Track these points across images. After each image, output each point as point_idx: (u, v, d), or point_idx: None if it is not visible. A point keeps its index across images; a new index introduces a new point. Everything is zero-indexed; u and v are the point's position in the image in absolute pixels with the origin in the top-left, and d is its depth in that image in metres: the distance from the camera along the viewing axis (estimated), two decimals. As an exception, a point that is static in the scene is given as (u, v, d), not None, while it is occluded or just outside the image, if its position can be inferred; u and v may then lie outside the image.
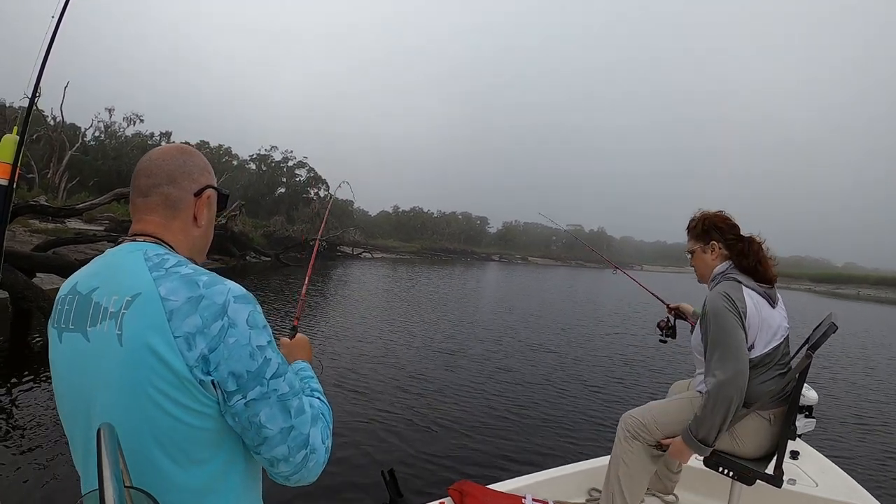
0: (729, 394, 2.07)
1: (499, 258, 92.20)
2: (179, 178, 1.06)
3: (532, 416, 6.12)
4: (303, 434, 0.95)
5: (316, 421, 0.99)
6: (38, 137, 34.78)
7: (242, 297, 0.92)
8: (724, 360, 2.10)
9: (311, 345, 1.42)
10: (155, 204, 1.04)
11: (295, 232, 37.94)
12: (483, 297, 21.58)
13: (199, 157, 1.12)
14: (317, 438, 0.98)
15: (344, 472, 4.23)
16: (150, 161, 1.06)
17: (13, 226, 14.70)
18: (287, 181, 60.34)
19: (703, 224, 2.41)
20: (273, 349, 0.94)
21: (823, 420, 6.60)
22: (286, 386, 0.94)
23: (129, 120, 46.00)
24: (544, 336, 12.14)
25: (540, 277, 43.34)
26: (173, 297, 0.87)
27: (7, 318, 8.69)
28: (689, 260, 2.51)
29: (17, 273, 8.25)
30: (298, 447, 0.94)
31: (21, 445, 4.31)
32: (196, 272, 0.93)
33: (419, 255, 70.33)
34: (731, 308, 2.14)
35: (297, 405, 0.96)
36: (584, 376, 8.37)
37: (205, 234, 1.13)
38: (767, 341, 2.19)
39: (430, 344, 10.04)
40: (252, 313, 0.92)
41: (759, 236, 2.36)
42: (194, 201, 1.08)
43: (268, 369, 0.91)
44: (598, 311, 19.50)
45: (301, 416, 0.95)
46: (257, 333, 0.91)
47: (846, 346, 14.55)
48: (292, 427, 0.93)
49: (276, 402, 0.91)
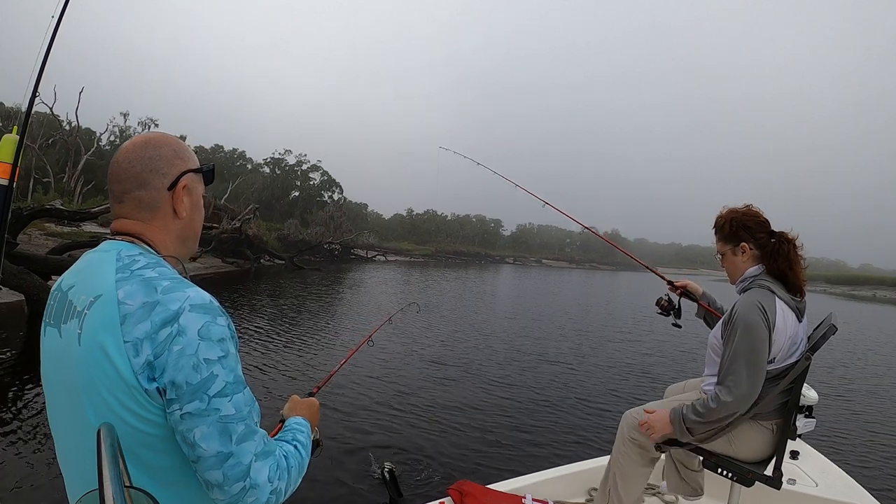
0: (734, 409, 2.04)
1: (513, 261, 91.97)
2: (149, 177, 1.02)
3: (532, 415, 6.15)
4: (242, 464, 0.88)
5: (267, 457, 0.93)
6: (53, 142, 35.31)
7: (201, 307, 0.89)
8: (741, 378, 2.04)
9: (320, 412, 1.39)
10: (130, 209, 1.03)
11: (309, 235, 38.09)
12: (489, 300, 21.55)
13: (168, 145, 1.07)
14: (261, 474, 0.90)
15: (344, 472, 4.23)
16: (117, 165, 1.03)
17: (29, 229, 14.92)
18: (301, 184, 60.62)
19: (731, 224, 2.28)
20: (226, 366, 0.89)
21: (823, 420, 6.56)
22: (231, 408, 0.88)
23: (144, 125, 46.48)
24: (545, 337, 12.14)
25: (551, 280, 43.13)
26: (129, 301, 0.87)
27: (23, 319, 8.80)
28: (720, 261, 2.38)
29: (33, 276, 8.36)
30: (236, 478, 0.87)
31: (33, 445, 4.35)
32: (160, 276, 0.91)
33: (433, 257, 70.44)
34: (765, 323, 2.05)
35: (243, 432, 0.89)
36: (584, 376, 8.41)
37: (189, 222, 1.10)
38: (787, 356, 2.12)
39: (431, 344, 10.04)
40: (208, 324, 0.89)
41: (791, 232, 2.23)
42: (170, 196, 1.05)
43: (212, 385, 0.87)
44: (604, 312, 19.36)
45: (244, 445, 0.89)
46: (208, 346, 0.87)
47: (855, 346, 14.48)
48: (231, 454, 0.87)
49: (215, 421, 0.86)
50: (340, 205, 56.15)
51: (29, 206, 9.56)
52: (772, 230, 2.25)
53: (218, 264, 23.02)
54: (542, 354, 9.91)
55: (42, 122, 35.05)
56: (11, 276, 8.07)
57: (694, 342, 11.53)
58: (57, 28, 2.35)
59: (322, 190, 61.16)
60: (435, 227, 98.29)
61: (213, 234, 22.23)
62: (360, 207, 66.18)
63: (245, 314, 11.81)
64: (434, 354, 9.07)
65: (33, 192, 31.17)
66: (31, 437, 4.51)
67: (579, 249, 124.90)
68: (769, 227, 2.26)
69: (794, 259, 2.19)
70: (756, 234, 2.24)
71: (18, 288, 8.35)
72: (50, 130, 35.28)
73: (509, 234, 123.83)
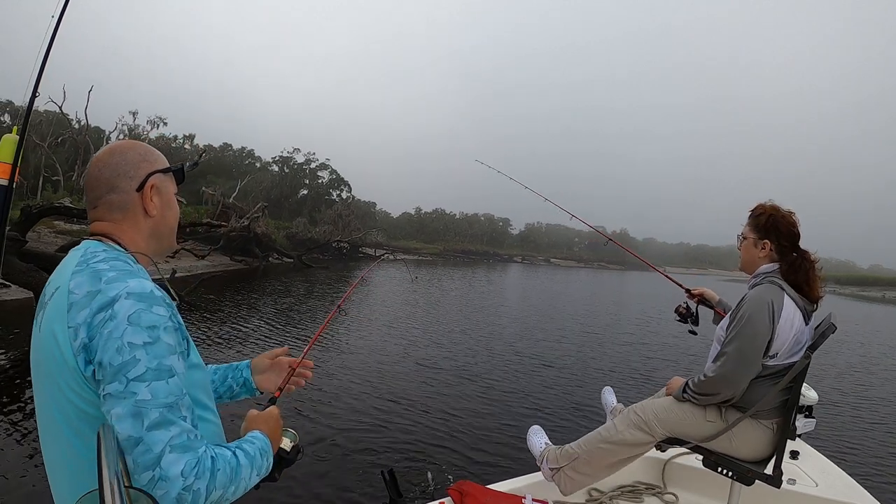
0: (716, 389, 2.17)
1: (521, 259, 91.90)
2: (117, 181, 1.11)
3: (532, 416, 6.13)
4: (152, 452, 0.86)
5: (185, 451, 0.89)
6: (62, 140, 35.54)
7: (137, 295, 0.94)
8: (730, 360, 2.13)
9: (281, 422, 1.27)
10: (102, 212, 1.11)
11: (317, 233, 38.20)
12: (493, 299, 21.51)
13: (134, 150, 1.15)
14: (174, 467, 0.87)
15: (344, 471, 4.24)
16: (89, 174, 1.12)
17: (38, 227, 15.04)
18: (310, 183, 60.77)
19: (768, 220, 2.30)
20: (150, 353, 0.91)
21: (823, 420, 6.62)
22: (148, 394, 0.88)
23: (153, 123, 46.66)
24: (547, 337, 12.11)
25: (559, 279, 43.01)
26: (76, 291, 0.95)
27: (32, 316, 8.85)
28: (739, 242, 2.43)
29: (42, 273, 8.42)
30: (144, 465, 0.86)
31: None
32: (110, 269, 0.98)
33: (441, 256, 70.44)
34: (769, 317, 2.10)
35: (156, 420, 0.88)
36: (585, 376, 8.40)
37: (161, 219, 1.17)
38: (790, 354, 2.15)
39: (431, 344, 10.03)
40: (140, 311, 0.92)
41: (815, 255, 2.27)
42: (139, 196, 1.12)
43: (132, 369, 0.89)
44: (608, 312, 19.25)
45: (156, 433, 0.87)
46: (135, 331, 0.91)
47: (867, 350, 14.39)
48: (140, 440, 0.86)
49: (129, 405, 0.87)
50: (349, 203, 56.29)
51: (38, 204, 9.64)
52: (797, 244, 2.29)
53: (226, 262, 23.13)
54: (543, 355, 9.88)
55: (52, 120, 35.32)
56: (21, 274, 8.14)
57: (700, 346, 11.34)
58: (57, 28, 2.37)
59: (330, 188, 61.32)
60: (443, 225, 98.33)
61: (222, 232, 22.33)
62: (368, 206, 66.26)
63: (244, 313, 11.85)
64: (434, 355, 9.05)
65: (42, 191, 31.45)
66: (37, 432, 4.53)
67: (588, 248, 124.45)
68: (797, 241, 2.30)
69: (812, 277, 2.23)
70: (782, 241, 2.28)
71: (28, 285, 8.42)
72: (59, 129, 35.54)
73: (517, 233, 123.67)
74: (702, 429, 2.26)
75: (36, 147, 33.86)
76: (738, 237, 2.43)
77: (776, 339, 2.10)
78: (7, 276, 8.20)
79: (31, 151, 34.29)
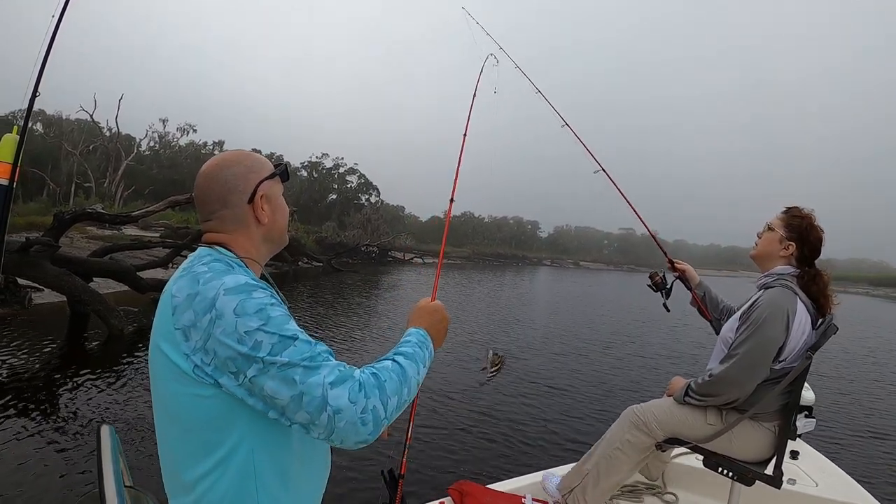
0: (719, 389, 2.19)
1: (550, 262, 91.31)
2: (229, 197, 1.15)
3: (532, 415, 6.16)
4: (316, 397, 0.93)
5: (343, 381, 0.96)
6: (94, 148, 36.62)
7: (234, 289, 0.97)
8: (739, 363, 2.14)
9: (447, 319, 1.40)
10: (216, 225, 1.16)
11: (346, 238, 38.52)
12: (496, 300, 21.38)
13: (239, 162, 1.18)
14: (340, 399, 0.94)
15: (344, 472, 4.19)
16: (200, 189, 1.16)
17: (71, 232, 15.40)
18: (338, 187, 61.42)
19: (802, 225, 2.30)
20: (268, 330, 0.95)
21: (823, 420, 6.73)
22: (285, 358, 0.94)
23: (183, 130, 47.75)
24: (548, 337, 12.00)
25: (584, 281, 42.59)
26: (178, 294, 1.00)
27: (65, 319, 9.05)
28: (762, 231, 2.41)
29: (75, 277, 8.54)
30: (318, 410, 0.93)
31: (69, 438, 4.49)
32: (208, 269, 1.02)
33: (470, 259, 70.44)
34: (784, 326, 2.12)
35: (303, 372, 0.95)
36: (585, 376, 8.38)
37: (272, 224, 1.21)
38: (796, 358, 2.16)
39: None
40: (242, 301, 0.96)
41: (827, 274, 2.27)
42: (251, 208, 1.16)
43: (260, 349, 0.94)
44: (613, 314, 18.93)
45: (309, 381, 0.94)
46: (245, 319, 0.95)
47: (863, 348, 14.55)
48: (302, 393, 0.94)
49: (276, 373, 0.94)
50: (377, 207, 56.70)
51: (71, 210, 9.80)
52: (814, 260, 2.31)
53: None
54: (544, 355, 9.83)
55: (83, 128, 36.40)
56: (54, 278, 8.27)
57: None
58: (57, 28, 2.35)
59: (359, 193, 61.86)
60: (472, 229, 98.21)
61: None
62: (396, 210, 66.70)
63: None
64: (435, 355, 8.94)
65: (75, 197, 32.36)
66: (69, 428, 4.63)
67: (617, 251, 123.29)
68: (817, 256, 2.31)
69: (828, 294, 2.24)
70: (806, 250, 2.29)
71: (61, 289, 8.54)
72: (91, 137, 36.60)
73: (546, 237, 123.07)
74: (702, 431, 2.28)
75: (68, 154, 34.94)
76: (765, 224, 2.41)
77: (787, 345, 2.13)
78: (40, 279, 8.30)
79: (63, 159, 35.48)
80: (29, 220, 19.00)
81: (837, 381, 9.69)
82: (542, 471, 2.99)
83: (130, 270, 10.37)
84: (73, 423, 4.81)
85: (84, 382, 5.99)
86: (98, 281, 10.36)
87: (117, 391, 5.76)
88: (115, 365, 6.82)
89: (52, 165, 34.55)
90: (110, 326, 8.30)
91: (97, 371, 6.43)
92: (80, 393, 5.65)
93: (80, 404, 5.30)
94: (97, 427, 1.18)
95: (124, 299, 10.76)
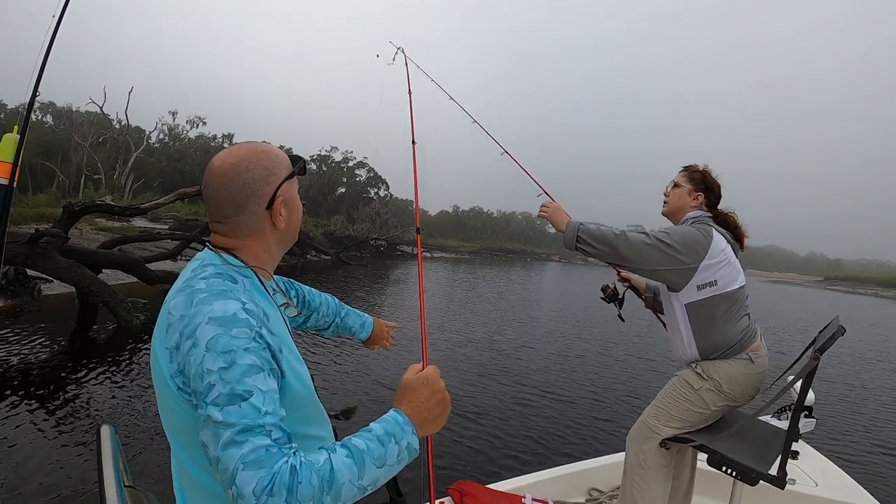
0: (619, 245, 2.25)
1: (559, 258, 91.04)
2: (246, 202, 1.07)
3: (532, 415, 6.16)
4: (228, 470, 0.85)
5: (258, 467, 0.83)
6: (104, 140, 36.79)
7: (218, 320, 0.93)
8: (655, 237, 2.24)
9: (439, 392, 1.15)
10: (228, 229, 1.10)
11: (355, 231, 38.54)
12: (496, 296, 21.28)
13: (259, 164, 1.09)
14: (246, 485, 0.82)
15: None
16: (213, 188, 1.07)
17: (80, 224, 15.48)
18: (347, 181, 61.42)
19: (705, 177, 2.49)
20: (224, 378, 0.89)
21: (823, 420, 6.79)
22: (220, 416, 0.87)
23: (192, 122, 47.79)
24: (548, 338, 11.89)
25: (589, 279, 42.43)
26: (174, 312, 0.97)
27: (74, 310, 9.12)
28: (668, 188, 2.56)
29: (84, 269, 8.59)
30: (227, 482, 0.85)
31: (80, 433, 4.52)
32: (206, 288, 0.98)
33: (479, 254, 70.44)
34: (702, 233, 2.27)
35: (228, 438, 0.86)
36: (585, 376, 8.34)
37: (287, 228, 1.16)
38: (734, 278, 2.28)
39: (431, 343, 9.86)
40: (217, 337, 0.91)
41: (733, 213, 2.48)
42: (268, 213, 1.10)
43: (209, 393, 0.89)
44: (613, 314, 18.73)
45: (229, 451, 0.85)
46: (211, 357, 0.90)
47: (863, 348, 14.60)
48: (218, 459, 0.86)
49: (210, 426, 0.88)
50: (386, 201, 56.65)
51: (80, 202, 9.85)
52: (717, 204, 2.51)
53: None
54: (544, 354, 9.80)
55: (93, 121, 36.61)
56: (63, 270, 8.32)
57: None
58: (57, 28, 2.34)
59: (368, 186, 61.84)
60: (481, 223, 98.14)
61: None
62: (406, 204, 66.49)
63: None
64: (434, 355, 8.82)
65: (84, 189, 32.58)
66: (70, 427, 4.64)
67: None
68: (719, 200, 2.51)
69: (738, 224, 2.46)
70: (711, 197, 2.49)
71: (70, 281, 8.59)
72: (100, 129, 36.79)
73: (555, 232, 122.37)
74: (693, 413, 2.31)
75: (78, 147, 35.16)
76: (671, 182, 2.56)
77: (712, 263, 2.23)
78: (49, 271, 8.33)
79: (73, 151, 35.71)
80: (38, 211, 19.17)
81: (840, 383, 9.67)
82: (542, 470, 3.02)
83: (139, 262, 10.42)
84: (75, 421, 4.81)
85: (89, 376, 6.01)
86: (107, 272, 10.44)
87: (121, 387, 5.75)
88: (121, 358, 6.85)
89: (62, 157, 34.78)
90: (118, 318, 8.36)
91: (103, 364, 6.45)
92: (84, 388, 5.66)
93: (82, 401, 5.29)
94: (97, 427, 1.18)
95: (133, 291, 10.84)
